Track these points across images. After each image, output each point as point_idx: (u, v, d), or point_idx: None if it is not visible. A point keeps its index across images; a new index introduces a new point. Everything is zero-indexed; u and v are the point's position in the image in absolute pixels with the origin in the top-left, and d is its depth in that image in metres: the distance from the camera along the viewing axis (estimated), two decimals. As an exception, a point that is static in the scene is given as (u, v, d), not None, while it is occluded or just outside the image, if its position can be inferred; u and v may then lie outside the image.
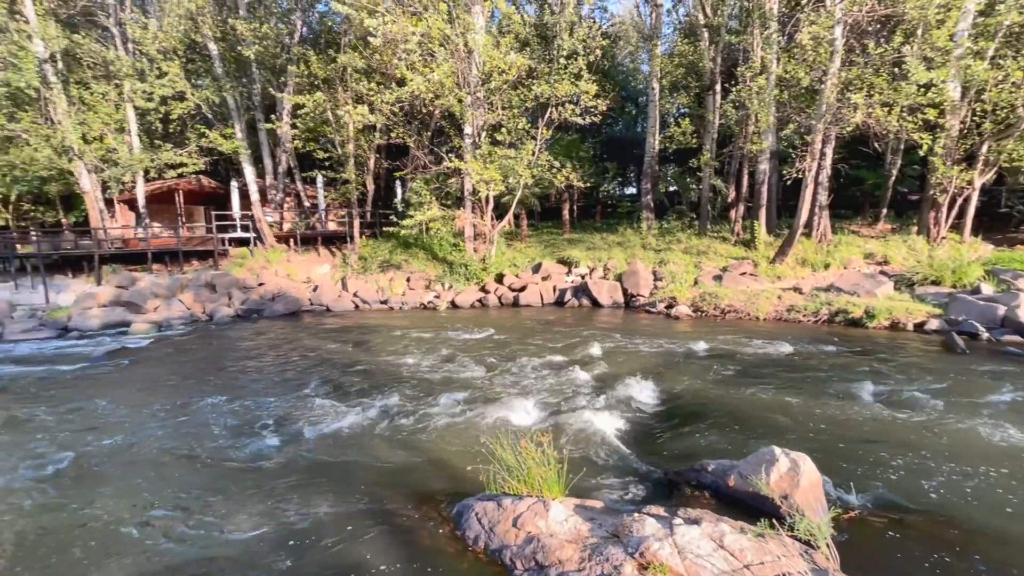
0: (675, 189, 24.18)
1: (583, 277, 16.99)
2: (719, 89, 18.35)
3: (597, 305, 15.27)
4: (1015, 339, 9.04)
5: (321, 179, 21.77)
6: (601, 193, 28.68)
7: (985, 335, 9.31)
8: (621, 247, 18.33)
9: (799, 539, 3.15)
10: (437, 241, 19.36)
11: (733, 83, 16.15)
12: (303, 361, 9.36)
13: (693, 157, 18.66)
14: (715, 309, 12.83)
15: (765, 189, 17.15)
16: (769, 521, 3.14)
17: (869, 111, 13.51)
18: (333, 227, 22.72)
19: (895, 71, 14.04)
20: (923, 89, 12.98)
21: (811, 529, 3.13)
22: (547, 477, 3.80)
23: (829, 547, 3.09)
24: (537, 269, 17.49)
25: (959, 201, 15.29)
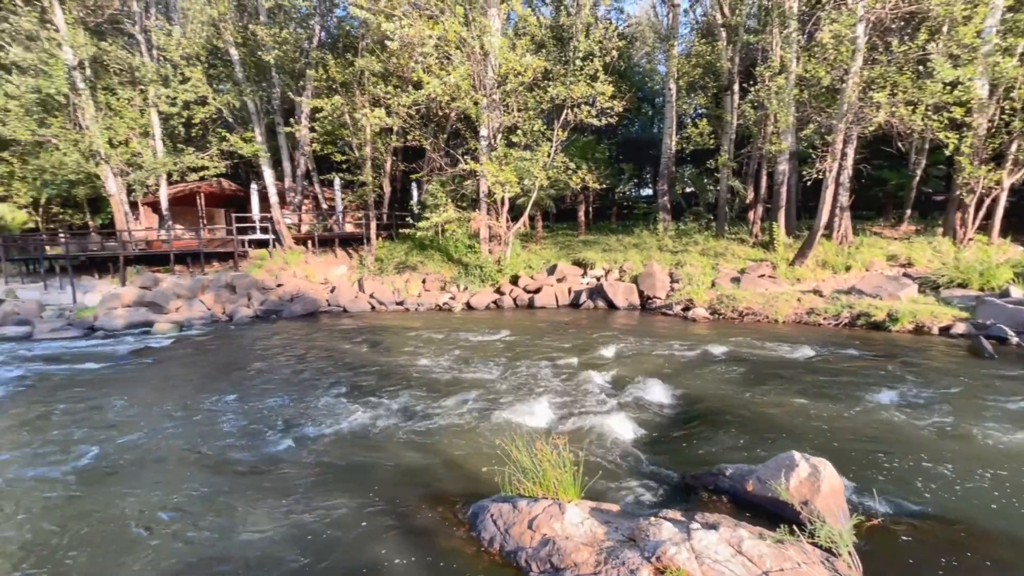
0: (692, 190, 23.93)
1: (599, 279, 16.86)
2: (737, 89, 18.15)
3: (613, 307, 15.16)
4: (1046, 344, 8.75)
5: (339, 181, 22.05)
6: (617, 194, 28.56)
7: (1014, 340, 9.01)
8: (637, 249, 18.18)
9: (820, 546, 3.09)
10: (452, 243, 19.44)
11: (751, 83, 15.93)
12: (319, 362, 9.48)
13: (710, 158, 18.44)
14: (733, 311, 12.65)
15: (784, 190, 16.89)
16: (789, 527, 3.09)
17: (892, 110, 13.20)
18: (350, 229, 22.98)
19: (919, 69, 13.71)
20: (949, 87, 12.66)
21: (832, 536, 3.07)
22: (562, 479, 3.78)
23: (851, 555, 3.02)
24: (552, 271, 17.43)
25: (987, 202, 14.88)
